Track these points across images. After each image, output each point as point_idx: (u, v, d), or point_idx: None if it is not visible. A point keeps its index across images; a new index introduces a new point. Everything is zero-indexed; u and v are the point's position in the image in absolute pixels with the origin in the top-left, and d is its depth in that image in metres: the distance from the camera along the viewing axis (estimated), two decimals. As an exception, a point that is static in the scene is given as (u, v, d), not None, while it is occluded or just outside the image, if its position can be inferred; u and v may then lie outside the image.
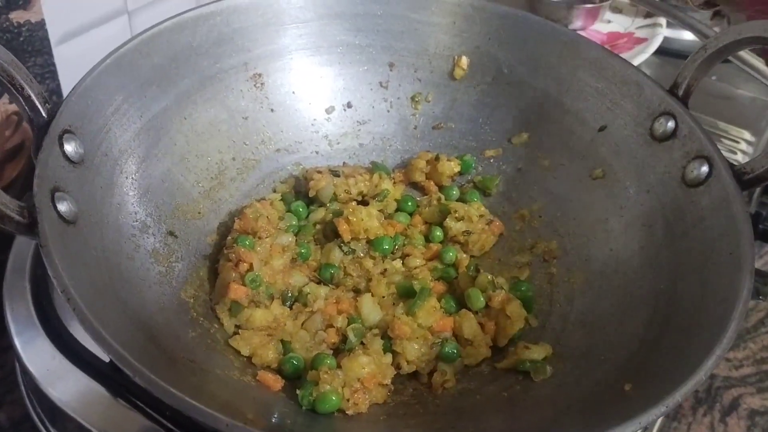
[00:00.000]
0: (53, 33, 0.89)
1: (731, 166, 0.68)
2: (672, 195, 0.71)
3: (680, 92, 0.74)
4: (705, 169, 0.69)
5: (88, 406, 0.67)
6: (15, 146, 0.90)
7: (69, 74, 0.93)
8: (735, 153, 1.03)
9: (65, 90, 0.93)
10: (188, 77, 0.77)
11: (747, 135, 1.06)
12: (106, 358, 0.70)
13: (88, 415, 0.67)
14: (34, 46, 0.89)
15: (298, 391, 0.61)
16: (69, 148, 0.61)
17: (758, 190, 1.02)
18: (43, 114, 0.62)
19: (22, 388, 0.76)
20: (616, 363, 0.62)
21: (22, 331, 0.73)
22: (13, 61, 0.61)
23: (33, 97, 0.62)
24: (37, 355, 0.71)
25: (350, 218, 0.73)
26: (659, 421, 0.84)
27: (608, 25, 1.25)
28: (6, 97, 0.86)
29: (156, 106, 0.73)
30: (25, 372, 0.71)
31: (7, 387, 0.86)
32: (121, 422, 0.67)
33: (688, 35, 1.18)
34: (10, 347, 0.84)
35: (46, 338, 0.72)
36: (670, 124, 0.73)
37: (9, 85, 0.60)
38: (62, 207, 0.57)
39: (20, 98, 0.61)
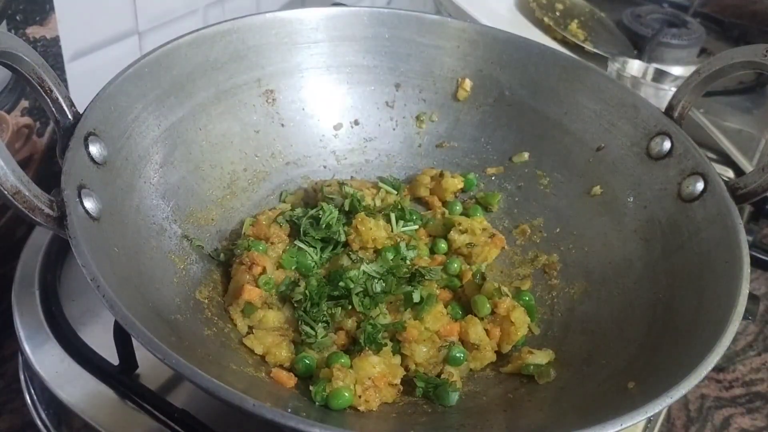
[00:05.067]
0: (66, 49, 0.92)
1: (725, 181, 0.71)
2: (668, 210, 0.74)
3: (675, 114, 0.78)
4: (700, 185, 0.72)
5: (96, 407, 0.69)
6: (24, 158, 0.91)
7: (80, 90, 0.95)
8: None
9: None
10: (204, 90, 0.79)
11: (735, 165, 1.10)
12: (115, 361, 0.71)
13: (97, 416, 0.68)
14: (47, 61, 0.91)
15: (311, 387, 0.62)
16: (94, 149, 0.63)
17: (746, 216, 1.06)
18: (69, 116, 0.64)
19: (26, 395, 0.76)
20: (618, 366, 0.65)
21: (31, 335, 0.74)
22: (43, 64, 0.63)
23: (60, 99, 0.64)
24: (46, 358, 0.72)
25: (359, 227, 0.75)
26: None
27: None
28: (18, 111, 0.88)
29: (173, 116, 0.76)
30: (34, 376, 0.72)
31: (8, 396, 0.86)
32: (129, 424, 0.68)
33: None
34: (12, 356, 0.85)
35: (55, 342, 0.73)
36: (666, 143, 0.77)
37: (38, 87, 0.62)
38: (88, 204, 0.59)
39: (48, 100, 0.63)
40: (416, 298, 0.70)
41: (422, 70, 0.90)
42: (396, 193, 0.85)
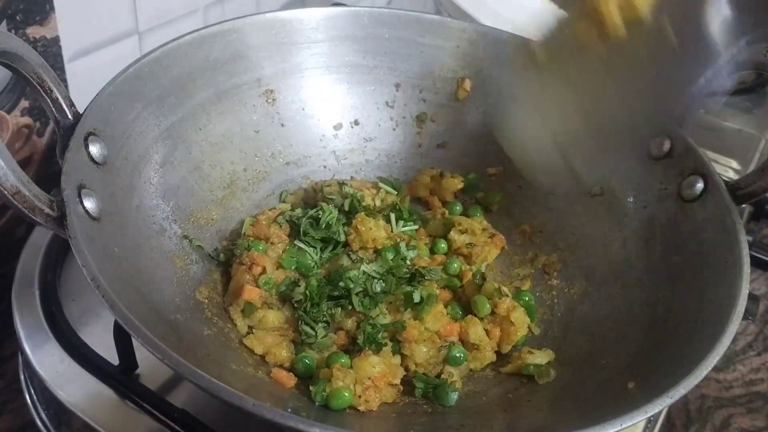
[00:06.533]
0: (67, 49, 0.92)
1: (725, 182, 0.71)
2: (668, 210, 0.74)
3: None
4: (700, 185, 0.72)
5: (96, 408, 0.69)
6: (24, 158, 0.92)
7: (80, 90, 0.95)
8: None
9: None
10: (204, 90, 0.79)
11: (734, 164, 1.10)
12: (115, 361, 0.71)
13: (97, 416, 0.68)
14: (47, 61, 0.91)
15: (311, 387, 0.62)
16: (94, 149, 0.63)
17: (746, 216, 1.06)
18: (69, 116, 0.64)
19: (26, 395, 0.76)
20: (618, 366, 0.65)
21: (31, 335, 0.74)
22: (43, 64, 0.63)
23: (60, 99, 0.64)
24: (46, 358, 0.72)
25: (359, 227, 0.75)
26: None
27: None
28: (18, 110, 0.88)
29: (173, 116, 0.76)
30: (34, 376, 0.72)
31: (8, 396, 0.86)
32: (129, 424, 0.68)
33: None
34: (12, 356, 0.85)
35: (55, 342, 0.73)
36: (666, 144, 0.77)
37: (38, 87, 0.62)
38: (88, 203, 0.59)
39: (48, 100, 0.64)
40: (416, 298, 0.70)
41: (422, 70, 0.90)
42: (396, 193, 0.85)
